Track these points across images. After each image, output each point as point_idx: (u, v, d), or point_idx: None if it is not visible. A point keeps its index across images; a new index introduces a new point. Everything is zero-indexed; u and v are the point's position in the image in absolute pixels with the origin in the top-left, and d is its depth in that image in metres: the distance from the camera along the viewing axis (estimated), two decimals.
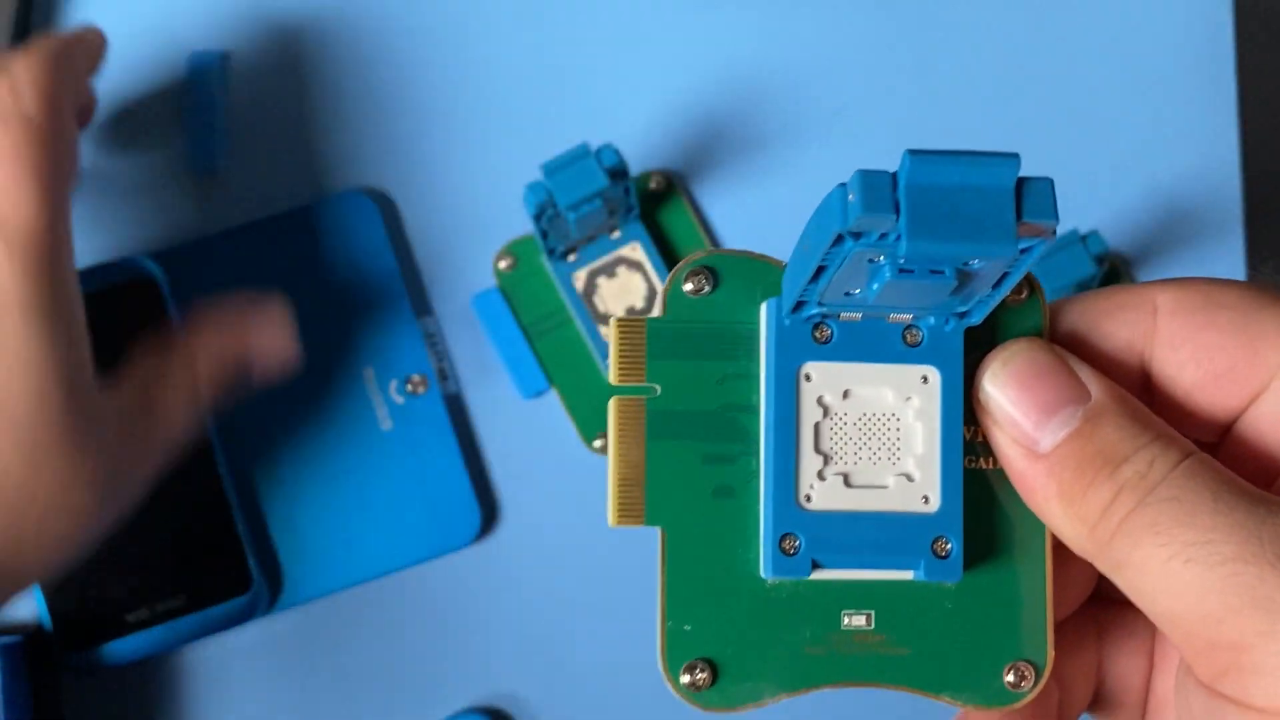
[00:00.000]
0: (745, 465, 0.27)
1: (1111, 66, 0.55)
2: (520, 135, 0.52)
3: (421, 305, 0.51)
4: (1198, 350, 0.27)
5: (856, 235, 0.23)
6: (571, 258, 0.50)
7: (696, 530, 0.27)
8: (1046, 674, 0.28)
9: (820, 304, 0.26)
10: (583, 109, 0.53)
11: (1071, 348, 0.28)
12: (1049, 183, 0.23)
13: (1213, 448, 0.27)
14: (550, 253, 0.49)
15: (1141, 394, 0.28)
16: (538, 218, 0.46)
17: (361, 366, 0.49)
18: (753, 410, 0.27)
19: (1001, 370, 0.27)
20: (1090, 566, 0.27)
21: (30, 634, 0.46)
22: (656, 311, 0.27)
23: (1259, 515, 0.24)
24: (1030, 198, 0.23)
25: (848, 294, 0.25)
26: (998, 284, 0.25)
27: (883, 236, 0.23)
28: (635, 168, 0.52)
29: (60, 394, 0.38)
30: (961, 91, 0.54)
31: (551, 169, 0.45)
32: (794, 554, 0.26)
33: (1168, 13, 0.55)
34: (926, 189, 0.22)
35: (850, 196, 0.22)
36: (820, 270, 0.24)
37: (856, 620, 0.27)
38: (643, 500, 0.27)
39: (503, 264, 0.51)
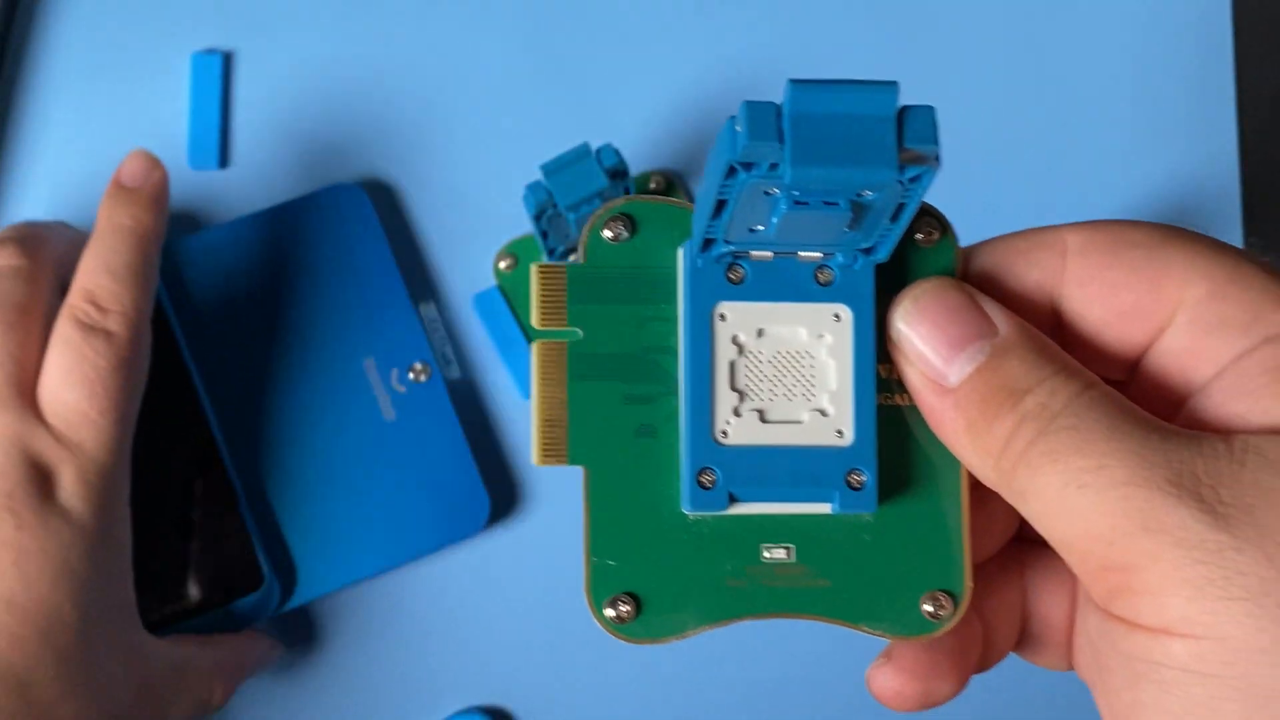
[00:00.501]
0: (665, 405, 0.28)
1: (1109, 64, 0.55)
2: (522, 134, 0.53)
3: (421, 292, 0.52)
4: (1104, 288, 0.28)
5: (747, 165, 0.24)
6: (572, 258, 0.49)
7: (619, 468, 0.28)
8: (964, 603, 0.28)
9: (727, 241, 0.27)
10: (583, 108, 0.54)
11: (984, 288, 0.28)
12: (930, 110, 0.24)
13: (1123, 385, 0.28)
14: (550, 253, 0.50)
15: (1053, 332, 0.28)
16: (537, 218, 0.47)
17: (362, 357, 0.50)
18: (671, 351, 0.28)
19: (912, 307, 0.28)
20: (1012, 506, 0.27)
21: None
22: (578, 258, 0.28)
23: (1152, 442, 0.25)
24: (912, 125, 0.24)
25: (752, 230, 0.26)
26: (895, 216, 0.26)
27: (773, 167, 0.24)
28: (635, 167, 0.53)
29: (102, 621, 0.40)
30: (959, 90, 0.55)
31: (551, 169, 0.46)
32: (711, 488, 0.27)
33: (1165, 9, 0.56)
34: (810, 117, 0.23)
35: (738, 128, 0.23)
36: (721, 205, 0.25)
37: (777, 553, 0.28)
38: (566, 440, 0.28)
39: (503, 264, 0.52)
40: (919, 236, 0.29)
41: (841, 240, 0.27)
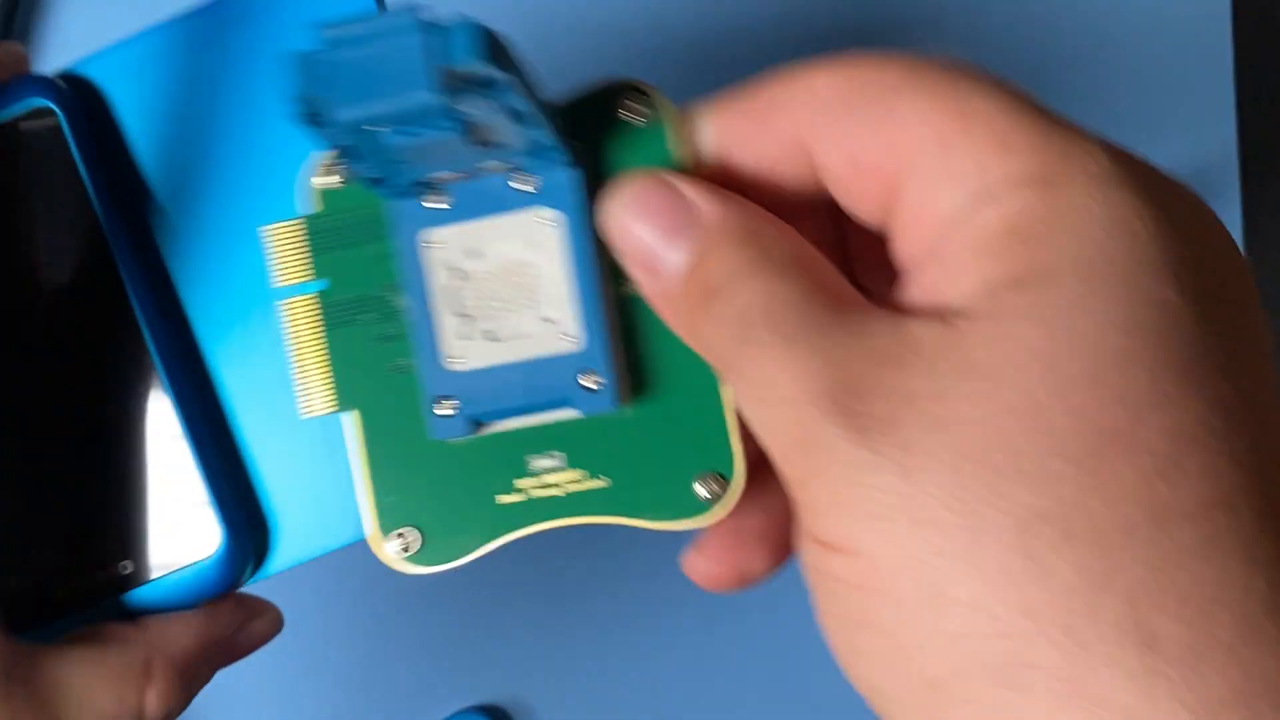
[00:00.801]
0: (409, 340, 0.29)
1: (1108, 56, 0.53)
2: None
3: None
4: (842, 142, 0.26)
5: (313, 118, 0.24)
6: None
7: (383, 408, 0.29)
8: (737, 482, 0.28)
9: (382, 176, 0.27)
10: None
11: (729, 154, 0.27)
12: (469, 25, 0.23)
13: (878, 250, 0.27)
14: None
15: (813, 194, 0.27)
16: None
17: None
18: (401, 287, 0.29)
19: (612, 207, 0.27)
20: None
21: None
22: (314, 209, 0.29)
23: (825, 345, 0.24)
24: (454, 41, 0.23)
25: (402, 161, 0.26)
26: (522, 121, 0.25)
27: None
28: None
29: None
30: None
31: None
32: (452, 415, 0.28)
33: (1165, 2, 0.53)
34: (336, 62, 0.23)
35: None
36: (343, 151, 0.25)
37: (546, 462, 0.28)
38: (334, 390, 0.29)
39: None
40: (629, 117, 0.28)
41: (501, 152, 0.26)
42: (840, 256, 0.29)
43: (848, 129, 0.25)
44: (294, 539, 0.33)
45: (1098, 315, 0.22)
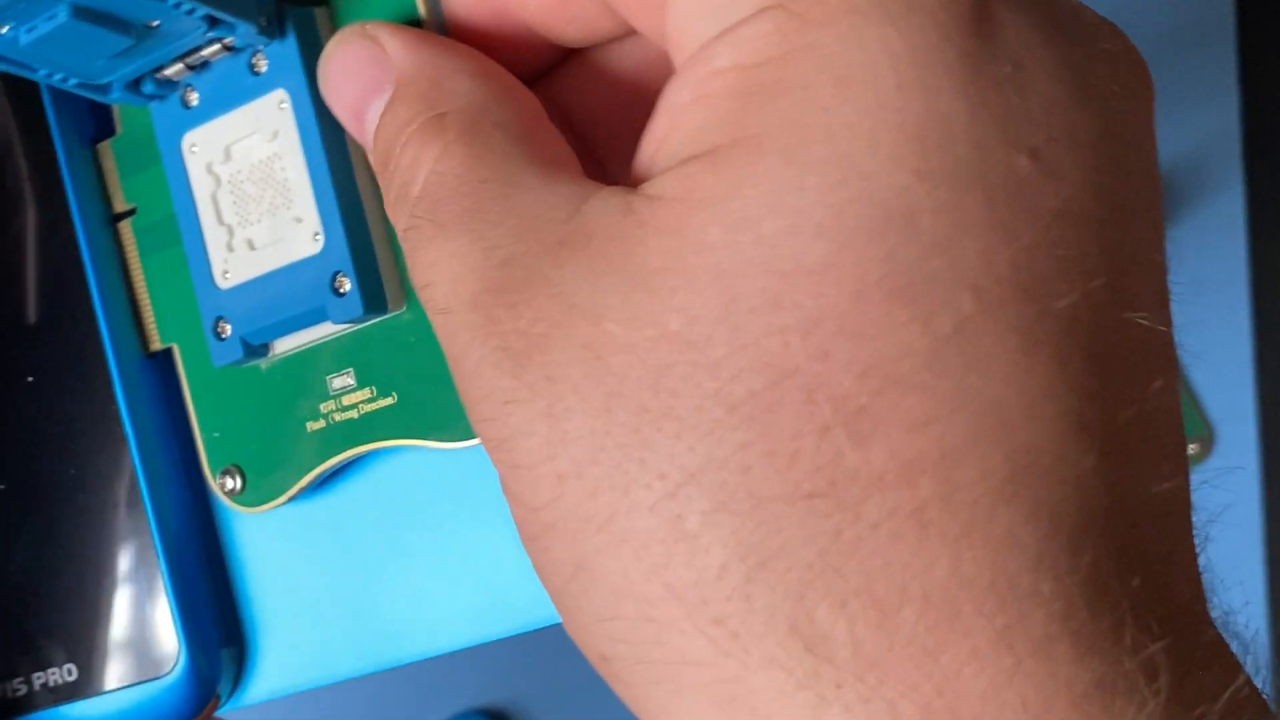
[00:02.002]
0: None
1: None
2: None
3: None
4: None
5: None
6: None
7: (201, 336, 0.26)
8: None
9: (88, 81, 0.24)
10: None
11: (469, 18, 0.22)
12: None
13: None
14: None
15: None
16: None
17: None
18: None
19: (319, 76, 0.23)
20: None
21: None
22: (117, 130, 0.27)
23: (474, 234, 0.18)
24: None
25: (83, 64, 0.23)
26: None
27: None
28: None
29: None
30: None
31: None
32: (227, 338, 0.25)
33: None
34: None
35: None
36: (14, 64, 0.23)
37: (341, 381, 0.25)
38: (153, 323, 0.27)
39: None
40: None
41: (177, 31, 0.23)
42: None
43: None
44: (279, 667, 0.27)
45: (796, 211, 0.16)
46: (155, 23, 0.22)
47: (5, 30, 0.21)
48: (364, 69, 0.21)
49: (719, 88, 0.17)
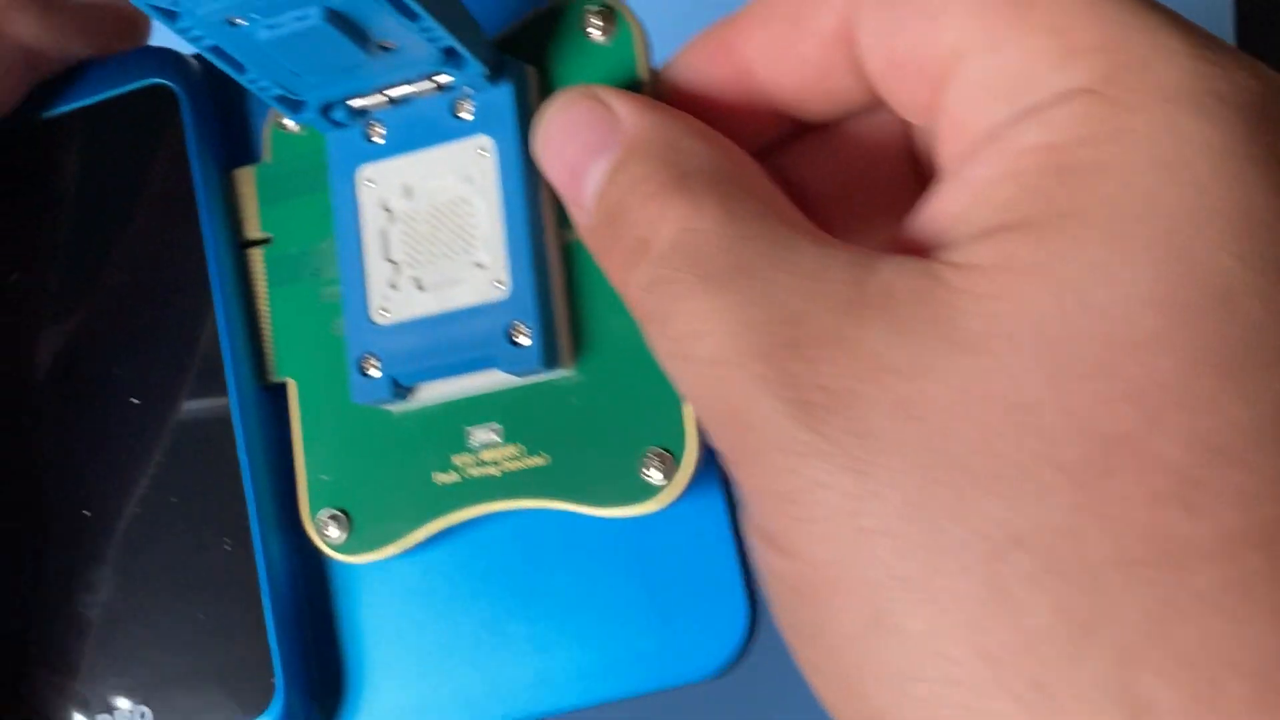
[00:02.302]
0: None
1: None
2: None
3: None
4: (881, 32, 0.21)
5: (169, 14, 0.21)
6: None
7: (322, 372, 0.25)
8: (686, 463, 0.23)
9: (286, 94, 0.23)
10: None
11: (753, 64, 0.22)
12: None
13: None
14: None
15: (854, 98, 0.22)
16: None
17: None
18: None
19: (538, 132, 0.23)
20: None
21: None
22: (266, 157, 0.26)
23: (746, 289, 0.19)
24: None
25: (292, 70, 0.23)
26: (404, 12, 0.21)
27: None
28: None
29: None
30: None
31: None
32: (376, 375, 0.24)
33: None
34: None
35: None
36: (219, 55, 0.22)
37: (484, 435, 0.24)
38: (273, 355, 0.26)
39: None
40: (590, 32, 0.24)
41: (406, 61, 0.23)
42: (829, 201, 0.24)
43: (888, 18, 0.20)
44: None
45: (1125, 284, 0.17)
46: (394, 44, 0.22)
47: (243, 23, 0.21)
48: (589, 128, 0.22)
49: (1030, 164, 0.18)
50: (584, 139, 0.22)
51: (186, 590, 0.25)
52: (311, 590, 0.26)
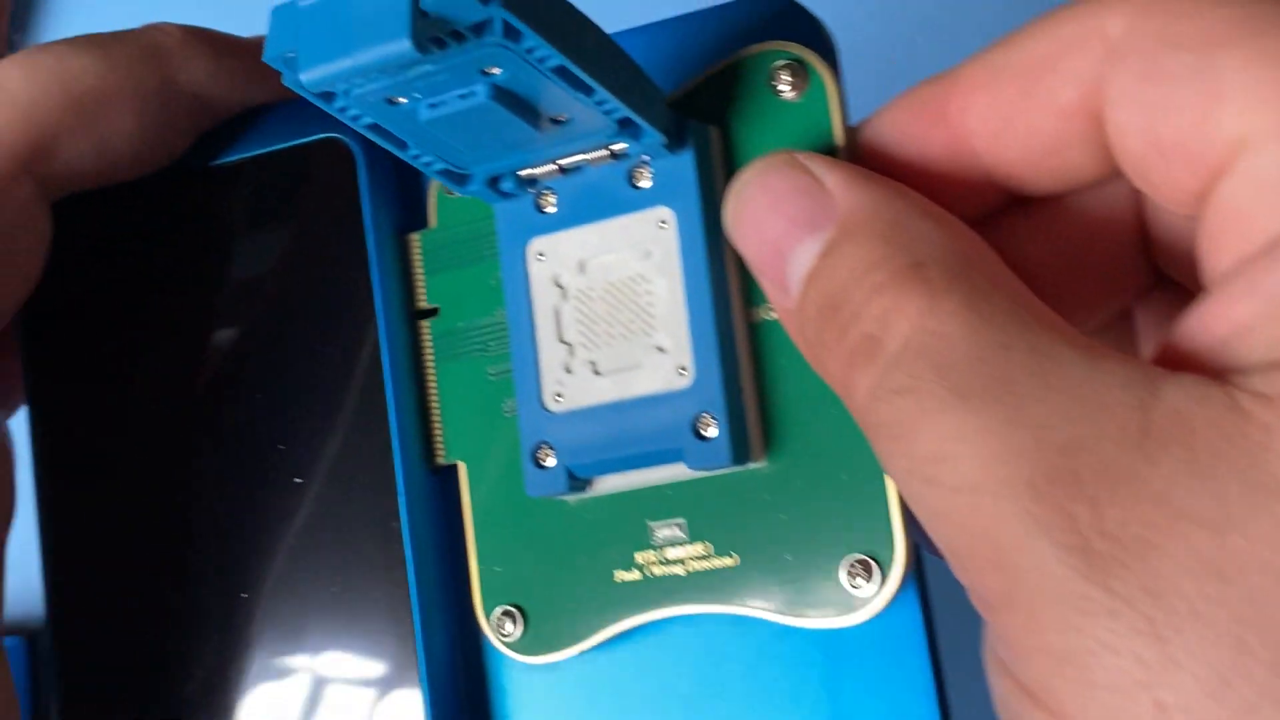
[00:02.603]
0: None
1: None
2: None
3: None
4: (1143, 111, 0.18)
5: (325, 96, 0.20)
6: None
7: (494, 457, 0.24)
8: (894, 573, 0.20)
9: (451, 168, 0.22)
10: None
11: (978, 129, 0.20)
12: None
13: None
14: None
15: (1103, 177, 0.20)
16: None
17: None
18: None
19: (733, 204, 0.21)
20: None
21: None
22: (431, 224, 0.25)
23: (1009, 409, 0.16)
24: None
25: (458, 145, 0.21)
26: (572, 84, 0.19)
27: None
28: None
29: None
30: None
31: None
32: (549, 466, 0.22)
33: None
34: (316, 13, 0.19)
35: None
36: (378, 132, 0.21)
37: (667, 532, 0.22)
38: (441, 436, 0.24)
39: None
40: (779, 89, 0.22)
41: (579, 134, 0.21)
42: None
43: (1153, 97, 0.18)
44: None
45: None
46: (565, 117, 0.20)
47: (405, 102, 0.19)
48: (793, 200, 0.19)
49: None
50: (788, 213, 0.19)
51: (342, 683, 0.24)
52: (471, 687, 0.24)
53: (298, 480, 0.24)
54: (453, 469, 0.24)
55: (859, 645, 0.21)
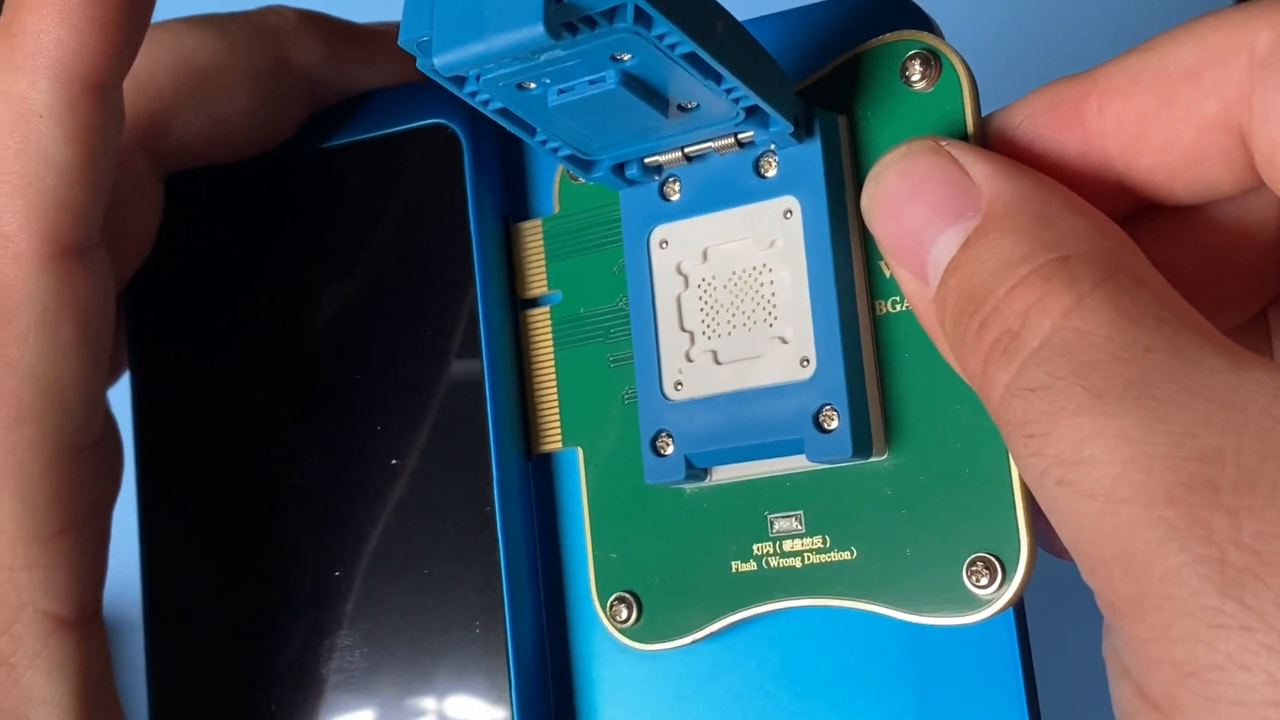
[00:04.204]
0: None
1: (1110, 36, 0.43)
2: None
3: None
4: None
5: (456, 80, 0.20)
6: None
7: (612, 444, 0.24)
8: (1019, 574, 0.20)
9: (576, 153, 0.22)
10: None
11: (1113, 133, 0.20)
12: None
13: None
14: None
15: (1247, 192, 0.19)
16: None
17: None
18: None
19: (873, 191, 0.20)
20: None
21: None
22: (554, 209, 0.25)
23: (1155, 416, 0.16)
24: None
25: (584, 130, 0.21)
26: (703, 71, 0.19)
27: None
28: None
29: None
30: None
31: None
32: (668, 454, 0.22)
33: None
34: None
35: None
36: (520, 123, 0.21)
37: (785, 523, 0.22)
38: (558, 421, 0.24)
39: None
40: (911, 79, 0.21)
41: (706, 121, 0.21)
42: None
43: None
44: None
45: None
46: (693, 104, 0.20)
47: (534, 87, 0.19)
48: (937, 188, 0.19)
49: None
50: (931, 200, 0.19)
51: (428, 664, 0.24)
52: (558, 674, 0.24)
53: (394, 462, 0.24)
54: (547, 458, 0.24)
55: (977, 644, 0.21)
